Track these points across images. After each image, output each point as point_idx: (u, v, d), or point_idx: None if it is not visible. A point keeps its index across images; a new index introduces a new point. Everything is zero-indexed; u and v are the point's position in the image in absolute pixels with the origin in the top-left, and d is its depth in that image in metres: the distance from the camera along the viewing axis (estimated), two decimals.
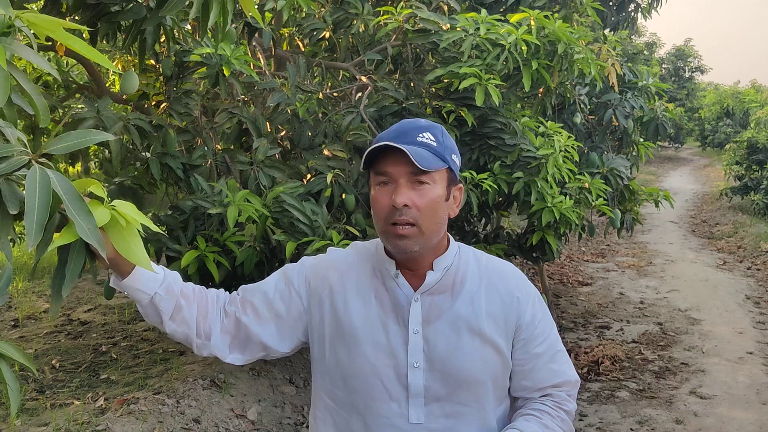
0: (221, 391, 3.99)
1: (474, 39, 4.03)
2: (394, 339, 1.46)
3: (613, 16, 8.91)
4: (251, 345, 1.54)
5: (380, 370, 1.45)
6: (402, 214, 1.39)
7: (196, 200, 3.40)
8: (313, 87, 4.57)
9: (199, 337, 1.51)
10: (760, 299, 7.72)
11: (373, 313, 1.48)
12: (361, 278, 1.53)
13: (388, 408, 1.45)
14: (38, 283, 6.90)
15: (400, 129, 1.44)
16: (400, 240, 1.41)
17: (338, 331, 1.49)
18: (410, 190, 1.40)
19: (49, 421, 3.46)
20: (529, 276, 7.66)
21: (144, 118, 3.57)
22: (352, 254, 1.59)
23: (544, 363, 1.53)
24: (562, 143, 4.49)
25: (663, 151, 29.37)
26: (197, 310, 1.51)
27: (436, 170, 1.41)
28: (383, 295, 1.49)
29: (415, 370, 1.45)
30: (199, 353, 1.54)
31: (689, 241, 11.76)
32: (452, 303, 1.48)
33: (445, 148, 1.44)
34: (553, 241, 4.73)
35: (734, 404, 4.80)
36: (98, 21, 2.88)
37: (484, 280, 1.52)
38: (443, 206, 1.45)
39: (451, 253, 1.52)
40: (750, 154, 15.14)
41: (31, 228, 1.07)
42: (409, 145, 1.38)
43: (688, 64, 31.80)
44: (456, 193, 1.50)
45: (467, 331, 1.46)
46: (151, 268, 1.37)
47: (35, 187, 1.09)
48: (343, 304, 1.50)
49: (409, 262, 1.48)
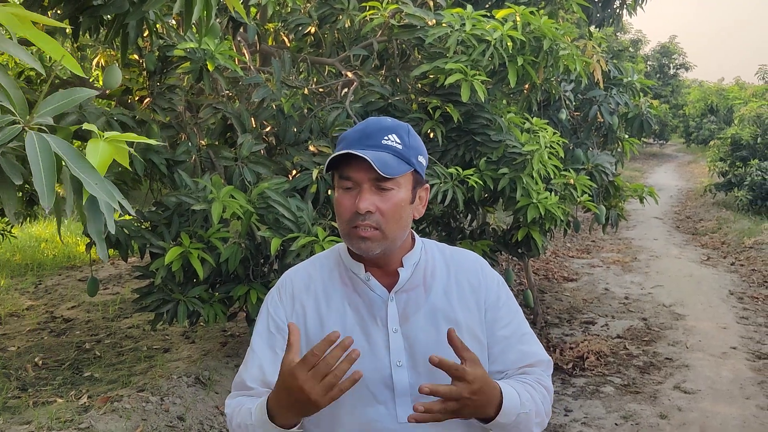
0: (206, 388, 3.97)
1: (460, 35, 4.02)
2: (374, 342, 1.45)
3: (598, 13, 8.92)
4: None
5: (365, 376, 1.39)
6: (365, 219, 1.39)
7: (180, 196, 3.37)
8: (299, 82, 4.54)
9: None
10: (743, 295, 7.79)
11: (350, 323, 1.46)
12: (329, 289, 1.50)
13: (376, 412, 1.43)
14: (20, 280, 6.84)
15: (365, 131, 1.42)
16: (363, 242, 1.41)
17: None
18: (373, 195, 1.39)
19: (32, 419, 3.43)
20: (515, 272, 7.69)
21: (127, 113, 3.54)
22: (315, 267, 1.56)
23: (513, 344, 1.51)
24: (547, 139, 4.49)
25: (648, 148, 29.55)
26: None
27: (401, 175, 1.40)
28: (356, 301, 1.48)
29: (398, 368, 1.43)
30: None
31: (673, 237, 11.84)
32: (426, 297, 1.48)
33: (410, 150, 1.43)
34: (538, 237, 4.74)
35: (718, 399, 4.84)
36: (80, 15, 2.85)
37: (452, 270, 1.53)
38: (408, 209, 1.45)
39: (417, 249, 1.53)
40: (734, 150, 15.28)
41: (43, 191, 1.09)
42: (373, 149, 1.38)
43: (673, 61, 31.96)
44: (422, 194, 1.50)
45: (445, 322, 1.46)
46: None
47: (36, 153, 1.11)
48: (318, 322, 1.47)
49: (378, 260, 1.47)
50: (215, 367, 4.21)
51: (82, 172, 1.15)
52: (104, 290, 6.44)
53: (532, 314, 6.66)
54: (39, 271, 7.44)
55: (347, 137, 1.43)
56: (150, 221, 3.60)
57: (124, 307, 5.81)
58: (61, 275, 7.23)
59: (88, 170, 1.16)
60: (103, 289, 6.43)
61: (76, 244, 8.69)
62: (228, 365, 4.27)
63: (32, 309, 5.85)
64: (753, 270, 9.00)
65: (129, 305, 5.71)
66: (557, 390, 5.04)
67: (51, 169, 1.10)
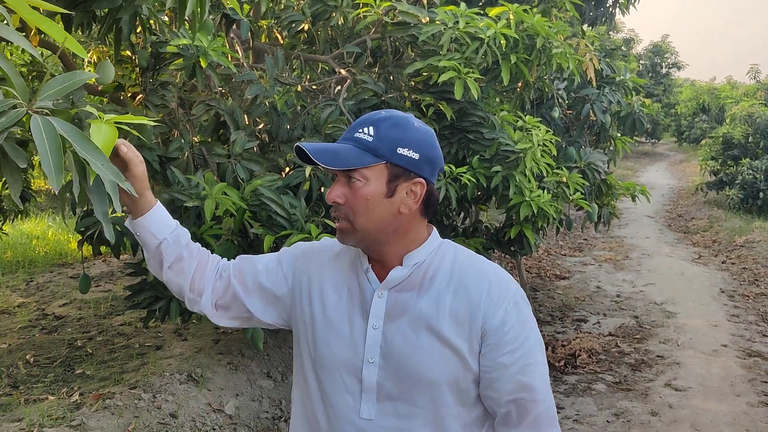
0: (198, 385, 3.96)
1: (453, 32, 4.03)
2: (356, 332, 1.45)
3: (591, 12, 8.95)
4: (236, 306, 1.62)
5: (341, 363, 1.45)
6: (336, 210, 1.43)
7: (173, 193, 3.36)
8: (292, 79, 4.53)
9: (192, 292, 1.61)
10: (734, 292, 7.83)
11: (342, 306, 1.48)
12: (338, 271, 1.53)
13: (344, 401, 1.45)
14: (12, 277, 6.81)
15: (353, 124, 1.45)
16: (337, 233, 1.47)
17: (312, 321, 1.51)
18: (343, 187, 1.41)
19: (23, 417, 3.42)
20: (508, 269, 7.70)
21: (120, 109, 3.52)
22: (337, 248, 1.58)
23: (512, 374, 1.40)
24: (540, 137, 4.50)
25: (640, 147, 29.65)
26: (196, 266, 1.61)
27: (366, 167, 1.38)
28: (354, 288, 1.49)
29: (369, 365, 1.43)
30: (190, 308, 1.64)
31: (665, 235, 11.89)
32: (417, 301, 1.43)
33: (382, 142, 1.38)
34: (530, 235, 4.75)
35: (708, 396, 4.86)
36: (73, 10, 2.83)
37: (455, 278, 1.44)
38: (382, 203, 1.40)
39: (426, 249, 1.47)
40: (725, 149, 15.35)
41: (51, 172, 1.12)
42: (343, 141, 1.42)
43: (665, 60, 32.06)
44: (412, 188, 1.42)
45: (426, 331, 1.41)
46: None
47: (42, 135, 1.14)
48: (319, 296, 1.52)
49: (378, 256, 1.47)
50: (207, 364, 4.20)
51: (87, 153, 1.18)
52: (96, 287, 6.42)
53: None
54: (30, 268, 7.40)
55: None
56: None
57: (116, 305, 5.80)
58: (52, 272, 7.20)
59: (93, 151, 1.19)
60: (95, 287, 6.40)
61: (68, 241, 8.66)
62: (220, 362, 4.26)
63: (23, 306, 5.82)
64: (744, 268, 9.05)
65: (121, 302, 5.69)
66: None
67: (57, 150, 1.13)
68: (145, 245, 1.59)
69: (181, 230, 1.61)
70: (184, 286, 1.61)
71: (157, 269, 1.62)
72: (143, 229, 1.56)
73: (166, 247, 1.57)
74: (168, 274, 1.60)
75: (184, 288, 1.61)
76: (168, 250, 1.57)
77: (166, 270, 1.60)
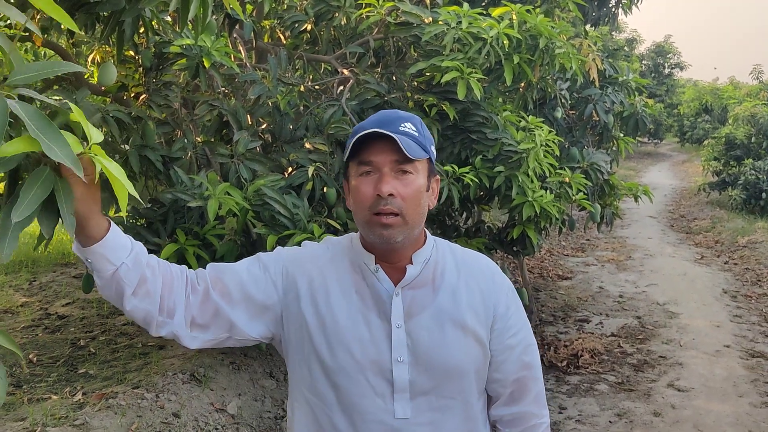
0: (201, 385, 3.96)
1: (456, 32, 4.03)
2: (377, 334, 1.44)
3: (594, 12, 8.95)
4: (216, 323, 1.45)
5: (364, 366, 1.43)
6: (387, 204, 1.38)
7: (176, 193, 3.37)
8: (295, 80, 4.53)
9: (161, 314, 1.39)
10: (737, 293, 7.82)
11: (354, 309, 1.46)
12: (340, 273, 1.50)
13: (374, 404, 1.43)
14: (15, 276, 6.82)
15: (383, 118, 1.43)
16: (385, 229, 1.39)
17: (320, 326, 1.46)
18: (394, 180, 1.39)
19: (26, 416, 3.42)
20: (510, 270, 7.70)
21: (123, 109, 3.53)
22: (329, 249, 1.56)
23: (517, 354, 1.52)
24: (542, 138, 4.50)
25: (642, 147, 29.61)
26: (162, 283, 1.39)
27: (419, 160, 1.42)
28: (364, 290, 1.48)
29: (399, 364, 1.43)
30: (157, 333, 1.41)
31: (668, 235, 11.88)
32: (434, 296, 1.47)
33: (425, 139, 1.45)
34: (533, 235, 4.75)
35: (711, 397, 4.86)
36: (76, 11, 2.84)
37: (462, 272, 1.52)
38: (425, 196, 1.45)
39: (428, 247, 1.52)
40: (728, 150, 15.32)
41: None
42: (394, 133, 1.38)
43: (668, 61, 32.03)
44: (434, 185, 1.51)
45: (450, 324, 1.46)
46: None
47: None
48: (324, 298, 1.48)
49: (389, 255, 1.47)
50: (210, 364, 4.21)
51: (42, 134, 1.03)
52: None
53: (527, 312, 6.67)
54: (33, 267, 7.41)
55: (363, 126, 1.43)
56: (145, 218, 3.59)
57: None
58: (55, 272, 7.21)
59: (51, 133, 1.04)
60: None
61: (71, 241, 8.66)
62: (223, 362, 4.27)
63: (26, 306, 5.83)
64: (746, 269, 9.04)
65: None
66: (551, 388, 5.05)
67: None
68: (98, 272, 1.34)
69: (137, 247, 1.38)
70: (151, 310, 1.38)
71: (117, 298, 1.37)
72: (98, 257, 1.32)
73: (126, 272, 1.34)
74: (132, 302, 1.36)
75: (152, 312, 1.38)
76: (128, 275, 1.34)
77: (129, 298, 1.35)
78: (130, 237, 1.39)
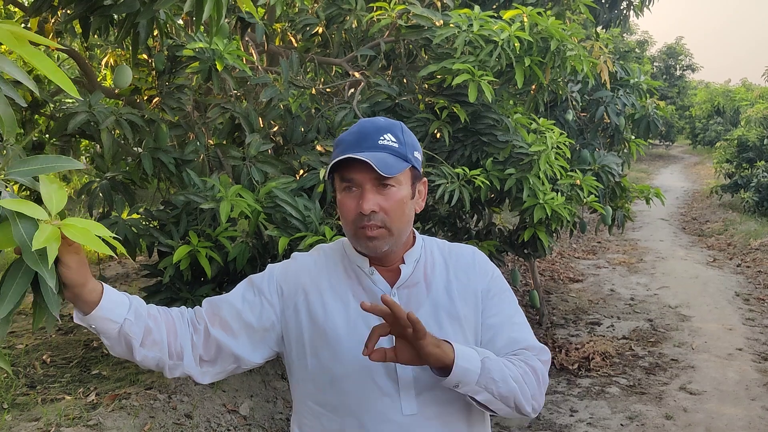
0: (213, 386, 3.98)
1: (467, 35, 4.03)
2: None
3: (605, 14, 8.92)
4: (222, 357, 1.50)
5: (370, 367, 1.45)
6: (371, 220, 1.42)
7: (189, 195, 3.39)
8: (306, 82, 4.55)
9: (171, 359, 1.45)
10: (749, 296, 7.78)
11: (353, 314, 1.49)
12: (334, 279, 1.53)
13: (382, 403, 1.46)
14: None
15: (361, 132, 1.45)
16: (370, 242, 1.45)
17: (319, 335, 1.49)
18: (376, 195, 1.42)
19: (40, 416, 3.45)
20: (521, 272, 7.69)
21: (136, 112, 3.56)
22: (320, 257, 1.59)
23: (504, 331, 1.53)
24: (554, 140, 4.49)
25: (654, 149, 29.48)
26: (166, 329, 1.44)
27: (400, 172, 1.43)
28: (360, 293, 1.51)
29: None
30: (171, 375, 1.48)
31: (679, 238, 11.82)
32: (428, 293, 1.52)
33: (406, 147, 1.46)
34: (544, 237, 4.74)
35: (723, 400, 4.83)
36: (91, 15, 2.87)
37: (450, 266, 1.57)
38: (409, 205, 1.49)
39: (418, 246, 1.57)
40: (740, 152, 15.24)
41: None
42: (371, 150, 1.41)
43: (680, 62, 31.87)
44: (420, 188, 1.54)
45: (447, 317, 1.50)
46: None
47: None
48: (321, 308, 1.50)
49: (381, 259, 1.52)
50: None
51: (22, 230, 1.10)
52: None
53: (538, 315, 6.67)
54: None
55: (344, 141, 1.46)
56: (158, 220, 3.62)
57: None
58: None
59: (28, 226, 1.10)
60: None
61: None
62: None
63: None
64: (759, 272, 8.98)
65: None
66: (562, 390, 5.04)
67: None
68: (104, 334, 1.38)
69: (135, 300, 1.41)
70: (162, 356, 1.43)
71: (128, 352, 1.40)
72: (99, 321, 1.35)
73: (130, 327, 1.37)
74: (141, 353, 1.40)
75: (163, 359, 1.44)
76: (133, 329, 1.38)
77: (138, 349, 1.40)
78: (125, 293, 1.43)
